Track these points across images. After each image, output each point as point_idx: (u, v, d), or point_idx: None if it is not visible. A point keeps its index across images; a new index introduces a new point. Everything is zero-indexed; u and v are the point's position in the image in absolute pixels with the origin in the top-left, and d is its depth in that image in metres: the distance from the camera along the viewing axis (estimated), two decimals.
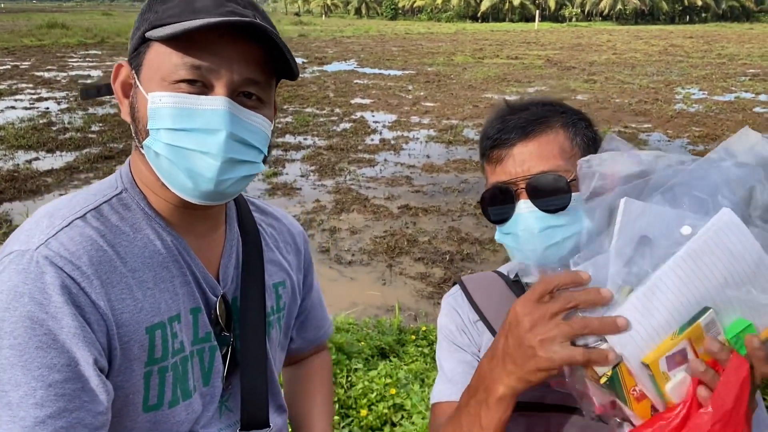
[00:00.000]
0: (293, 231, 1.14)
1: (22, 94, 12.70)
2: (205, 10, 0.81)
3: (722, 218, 0.70)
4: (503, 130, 1.01)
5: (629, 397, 0.72)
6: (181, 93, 0.80)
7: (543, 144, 0.99)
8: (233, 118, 0.81)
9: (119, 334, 0.80)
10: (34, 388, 0.72)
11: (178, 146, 0.80)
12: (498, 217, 1.01)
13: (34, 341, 0.72)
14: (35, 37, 27.02)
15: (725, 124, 10.41)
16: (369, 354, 3.14)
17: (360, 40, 32.79)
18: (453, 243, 5.41)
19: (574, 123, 1.02)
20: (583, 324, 0.71)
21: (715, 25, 56.17)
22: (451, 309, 1.13)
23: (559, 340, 0.73)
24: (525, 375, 0.76)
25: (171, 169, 0.81)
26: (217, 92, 0.81)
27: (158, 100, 0.80)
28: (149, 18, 0.84)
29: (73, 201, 0.85)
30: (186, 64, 0.79)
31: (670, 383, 0.70)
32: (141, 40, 0.84)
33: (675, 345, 0.69)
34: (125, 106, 0.87)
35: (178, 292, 0.88)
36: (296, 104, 12.04)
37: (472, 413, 0.84)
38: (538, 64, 19.98)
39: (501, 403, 0.80)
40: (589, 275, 0.73)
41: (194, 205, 0.85)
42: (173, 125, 0.79)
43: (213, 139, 0.80)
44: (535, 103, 1.05)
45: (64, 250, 0.77)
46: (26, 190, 6.55)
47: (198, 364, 0.91)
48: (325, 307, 1.25)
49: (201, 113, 0.80)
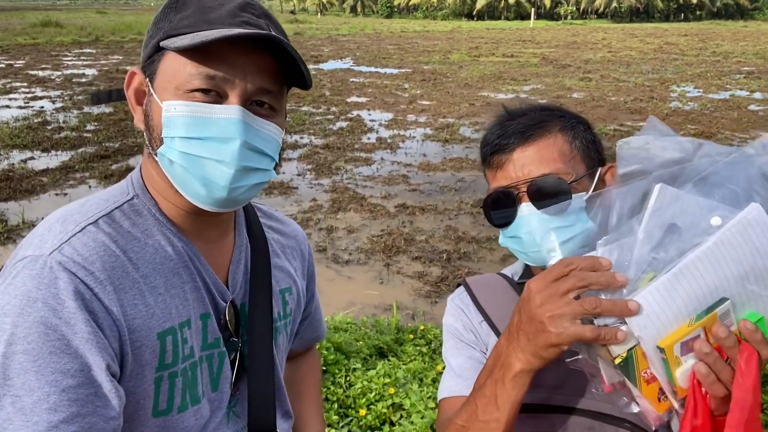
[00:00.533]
0: (298, 237, 1.15)
1: (17, 93, 12.64)
2: (219, 20, 0.82)
3: (751, 212, 0.71)
4: (503, 135, 1.04)
5: (640, 379, 0.74)
6: (196, 102, 0.81)
7: (542, 148, 1.01)
8: (247, 126, 0.82)
9: (131, 339, 0.81)
10: (47, 393, 0.72)
11: (192, 154, 0.81)
12: (501, 221, 1.03)
13: (48, 346, 0.73)
14: (29, 35, 26.86)
15: (720, 122, 10.46)
16: (367, 353, 3.15)
17: (356, 38, 32.74)
18: (450, 242, 5.43)
19: (573, 126, 1.05)
20: (594, 303, 0.73)
21: (710, 23, 56.33)
22: (458, 309, 1.14)
23: (568, 317, 0.75)
24: (538, 350, 0.78)
25: (185, 177, 0.83)
26: (231, 101, 0.82)
27: (173, 108, 0.81)
28: (164, 27, 0.85)
29: (86, 207, 0.86)
30: (201, 74, 0.80)
31: (681, 368, 0.73)
32: (155, 49, 0.85)
33: (691, 331, 0.72)
34: (138, 113, 0.89)
35: (189, 298, 0.89)
36: (292, 103, 12.02)
37: (488, 393, 0.85)
38: (534, 62, 20.00)
39: (517, 380, 0.82)
40: (609, 261, 0.75)
41: (206, 211, 0.86)
42: (187, 134, 0.81)
43: (227, 148, 0.81)
44: (534, 109, 1.08)
45: (77, 256, 0.78)
46: (21, 189, 6.52)
47: (207, 370, 0.92)
48: (321, 311, 1.27)
49: (215, 122, 0.81)
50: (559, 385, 0.99)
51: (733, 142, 9.17)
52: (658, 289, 0.71)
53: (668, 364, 0.72)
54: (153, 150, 0.86)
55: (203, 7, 0.84)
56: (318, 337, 1.28)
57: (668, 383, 0.74)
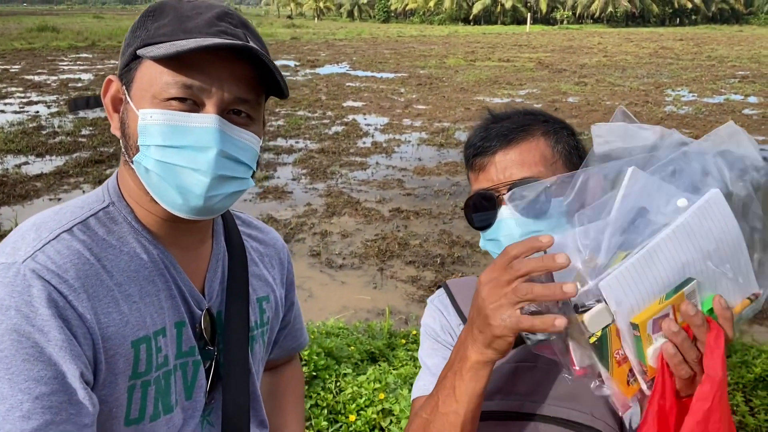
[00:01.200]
0: (277, 245, 1.15)
1: (12, 97, 12.61)
2: (197, 29, 0.83)
3: (712, 197, 0.76)
4: (486, 138, 1.04)
5: (612, 361, 0.76)
6: (172, 110, 0.81)
7: (524, 151, 1.01)
8: (223, 135, 0.82)
9: (105, 347, 0.80)
10: (20, 401, 0.72)
11: (168, 162, 0.81)
12: (481, 223, 1.03)
13: (21, 354, 0.73)
14: (25, 40, 26.83)
15: (715, 126, 10.40)
16: (358, 358, 3.15)
17: (352, 42, 32.79)
18: (444, 246, 5.43)
19: (556, 131, 1.05)
20: (526, 290, 0.74)
21: (705, 28, 56.57)
22: (436, 310, 1.15)
23: (506, 308, 0.75)
24: (489, 341, 0.79)
25: (161, 185, 0.83)
26: (208, 110, 0.82)
27: (149, 117, 0.81)
28: (141, 35, 0.85)
29: (60, 214, 0.86)
30: (177, 83, 0.81)
31: (652, 347, 0.75)
32: (132, 57, 0.85)
33: (661, 309, 0.74)
34: (115, 121, 0.89)
35: (164, 306, 0.88)
36: (288, 107, 12.03)
37: (448, 385, 0.85)
38: (530, 67, 20.06)
39: (473, 371, 0.82)
40: (550, 238, 0.75)
41: (182, 219, 0.86)
42: (164, 142, 0.81)
43: (203, 157, 0.81)
44: (518, 112, 1.08)
45: (51, 263, 0.78)
46: (15, 194, 6.51)
47: (181, 378, 0.92)
48: (302, 321, 1.27)
49: (191, 130, 0.81)
50: (532, 392, 0.99)
51: None
52: (634, 265, 0.73)
53: (641, 341, 0.74)
54: (129, 158, 0.86)
55: (180, 16, 0.85)
56: (299, 346, 1.27)
57: (638, 363, 0.76)
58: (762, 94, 14.14)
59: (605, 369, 0.77)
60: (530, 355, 1.01)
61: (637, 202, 0.77)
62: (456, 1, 68.39)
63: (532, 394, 0.99)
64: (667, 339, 0.75)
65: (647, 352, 0.75)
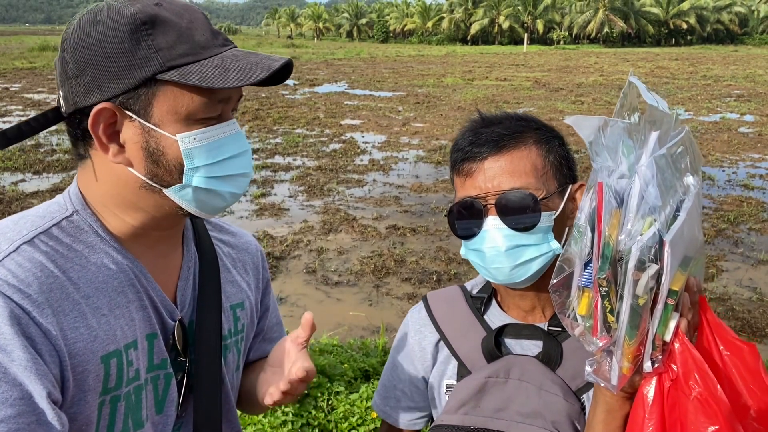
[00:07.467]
0: (251, 249, 1.11)
1: (11, 116, 12.67)
2: (207, 43, 0.82)
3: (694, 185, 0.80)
4: (475, 143, 0.99)
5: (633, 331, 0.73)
6: (209, 127, 0.83)
7: (515, 159, 0.97)
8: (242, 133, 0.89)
9: (72, 364, 0.77)
10: None
11: (220, 176, 0.84)
12: (465, 232, 0.99)
13: None
14: (27, 59, 27.08)
15: (711, 144, 10.53)
16: (352, 376, 3.10)
17: (351, 62, 33.07)
18: (441, 263, 5.40)
19: (548, 140, 1.00)
20: None
21: (701, 48, 57.16)
22: (416, 329, 1.13)
23: None
24: None
25: (207, 198, 0.85)
26: (227, 116, 0.85)
27: (192, 140, 0.81)
28: (145, 56, 0.78)
29: (20, 224, 0.81)
30: (213, 101, 0.82)
31: (673, 321, 0.75)
32: (141, 82, 0.78)
33: (683, 280, 0.75)
34: (114, 150, 0.81)
35: (134, 318, 0.85)
36: (286, 125, 12.07)
37: None
38: (527, 86, 20.21)
39: None
40: None
41: (158, 226, 0.87)
42: (213, 159, 0.83)
43: (243, 160, 0.87)
44: (510, 117, 1.03)
45: (11, 277, 0.74)
46: (11, 212, 6.48)
47: (152, 392, 0.88)
48: (283, 326, 1.21)
49: (227, 141, 0.85)
50: (501, 408, 0.96)
51: (723, 163, 9.22)
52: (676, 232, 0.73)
53: (668, 312, 0.73)
54: (163, 185, 0.82)
55: (184, 30, 0.80)
56: None
57: (655, 335, 0.74)
58: (757, 112, 14.24)
59: (630, 338, 0.73)
60: (503, 371, 0.98)
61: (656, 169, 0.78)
62: (454, 22, 69.20)
63: (501, 411, 0.96)
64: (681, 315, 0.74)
65: (670, 325, 0.74)
